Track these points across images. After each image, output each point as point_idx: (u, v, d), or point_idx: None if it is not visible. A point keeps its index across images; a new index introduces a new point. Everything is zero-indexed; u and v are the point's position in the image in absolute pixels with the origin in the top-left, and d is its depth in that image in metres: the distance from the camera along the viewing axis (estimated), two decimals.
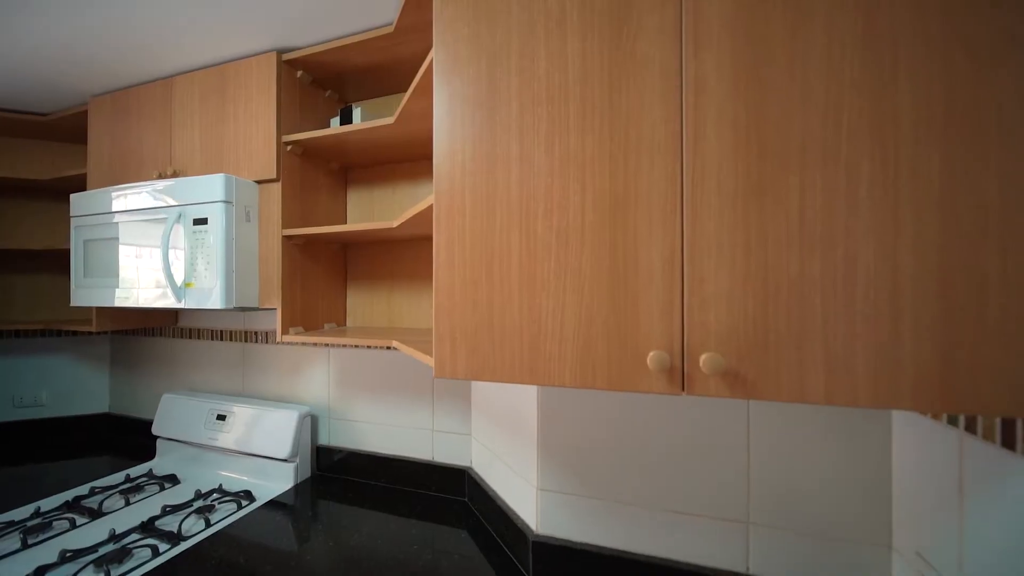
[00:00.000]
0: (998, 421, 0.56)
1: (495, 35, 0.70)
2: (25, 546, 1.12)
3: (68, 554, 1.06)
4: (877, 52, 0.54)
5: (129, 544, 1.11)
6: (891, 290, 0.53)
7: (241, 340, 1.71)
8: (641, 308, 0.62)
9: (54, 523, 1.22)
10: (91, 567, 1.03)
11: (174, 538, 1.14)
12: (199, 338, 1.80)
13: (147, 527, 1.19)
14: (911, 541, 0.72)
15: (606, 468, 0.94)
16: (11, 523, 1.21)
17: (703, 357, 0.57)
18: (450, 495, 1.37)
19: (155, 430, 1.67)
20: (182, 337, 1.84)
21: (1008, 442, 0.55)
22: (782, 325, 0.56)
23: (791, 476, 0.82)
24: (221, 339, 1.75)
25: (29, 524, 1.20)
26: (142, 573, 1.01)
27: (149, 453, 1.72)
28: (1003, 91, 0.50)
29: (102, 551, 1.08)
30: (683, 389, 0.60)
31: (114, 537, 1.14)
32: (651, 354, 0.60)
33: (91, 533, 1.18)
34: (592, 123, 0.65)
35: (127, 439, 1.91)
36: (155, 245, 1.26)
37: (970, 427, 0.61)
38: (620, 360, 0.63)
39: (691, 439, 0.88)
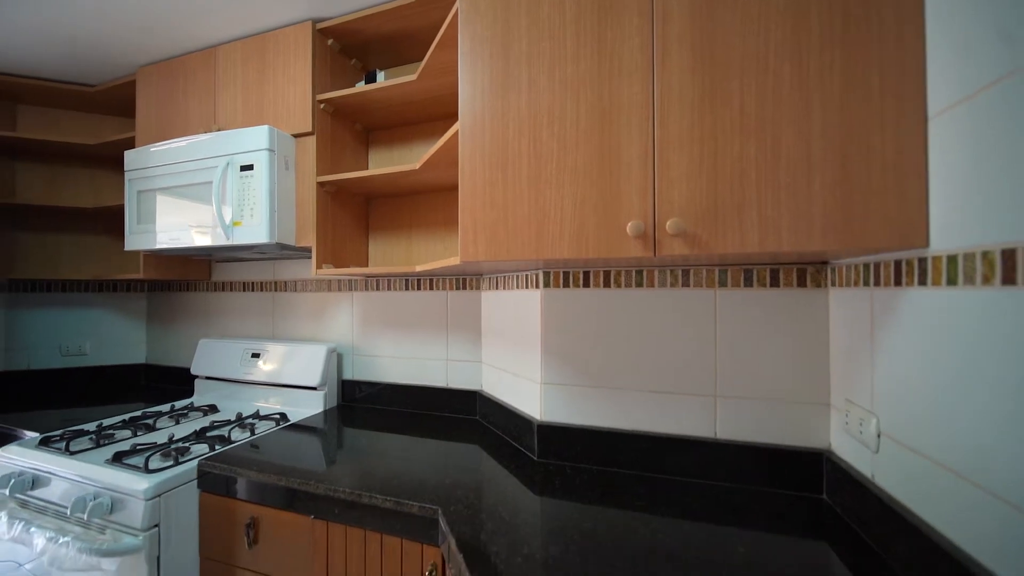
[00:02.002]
0: (892, 267, 0.74)
1: None
2: (97, 445, 1.30)
3: (139, 447, 1.24)
4: None
5: (187, 444, 1.29)
6: (805, 164, 0.71)
7: (271, 290, 1.89)
8: (623, 191, 0.80)
9: (116, 434, 1.40)
10: (159, 456, 1.21)
11: (224, 441, 1.32)
12: (231, 290, 1.97)
13: (200, 435, 1.37)
14: (842, 391, 0.90)
15: (598, 360, 1.12)
16: (81, 431, 1.38)
17: (669, 223, 0.76)
18: (463, 415, 1.55)
19: (194, 370, 1.85)
20: (215, 291, 2.01)
21: (897, 280, 0.73)
22: (727, 196, 0.74)
23: (750, 354, 1.00)
24: (252, 290, 1.93)
25: (97, 433, 1.38)
26: (204, 458, 1.19)
27: (187, 396, 1.89)
28: (883, 9, 0.68)
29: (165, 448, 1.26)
30: (654, 252, 0.78)
31: (173, 441, 1.32)
32: (630, 224, 0.78)
33: (152, 439, 1.36)
34: (584, 52, 0.83)
35: (165, 386, 2.09)
36: (205, 191, 1.44)
37: (876, 282, 0.79)
38: (607, 232, 0.81)
39: (667, 330, 1.06)
